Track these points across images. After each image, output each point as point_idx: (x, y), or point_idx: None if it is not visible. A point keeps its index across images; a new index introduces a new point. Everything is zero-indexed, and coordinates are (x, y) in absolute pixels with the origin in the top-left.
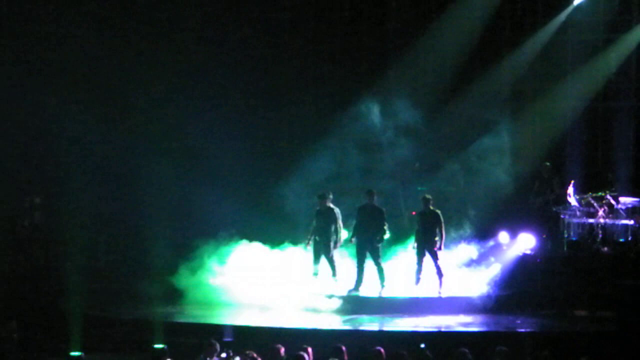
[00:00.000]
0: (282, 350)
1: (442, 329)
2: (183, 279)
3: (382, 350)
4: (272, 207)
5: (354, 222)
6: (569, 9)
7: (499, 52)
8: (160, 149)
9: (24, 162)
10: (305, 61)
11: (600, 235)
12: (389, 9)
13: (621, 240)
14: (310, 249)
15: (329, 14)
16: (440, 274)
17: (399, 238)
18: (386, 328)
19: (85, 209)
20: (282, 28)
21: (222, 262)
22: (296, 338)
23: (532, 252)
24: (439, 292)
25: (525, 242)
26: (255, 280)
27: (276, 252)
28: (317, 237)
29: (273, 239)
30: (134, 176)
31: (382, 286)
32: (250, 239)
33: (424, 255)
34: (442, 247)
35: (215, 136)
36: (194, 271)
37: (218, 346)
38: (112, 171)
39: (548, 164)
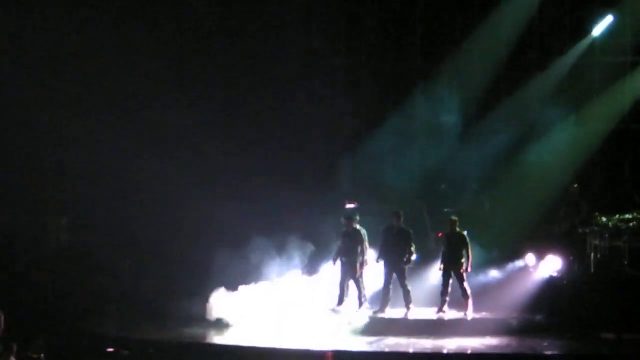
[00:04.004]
0: None
1: (469, 351)
2: (212, 300)
3: None
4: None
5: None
6: (597, 31)
7: (526, 75)
8: (188, 170)
9: (50, 183)
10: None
11: (627, 258)
12: (415, 31)
13: None
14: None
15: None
16: (466, 296)
17: (425, 260)
18: (412, 350)
19: (111, 230)
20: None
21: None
22: None
23: (559, 275)
24: (466, 314)
25: (552, 265)
26: (281, 302)
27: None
28: (343, 259)
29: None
30: (162, 196)
31: (409, 308)
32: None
33: (450, 277)
34: (469, 269)
35: (245, 157)
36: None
37: None
38: (139, 191)
39: (576, 185)
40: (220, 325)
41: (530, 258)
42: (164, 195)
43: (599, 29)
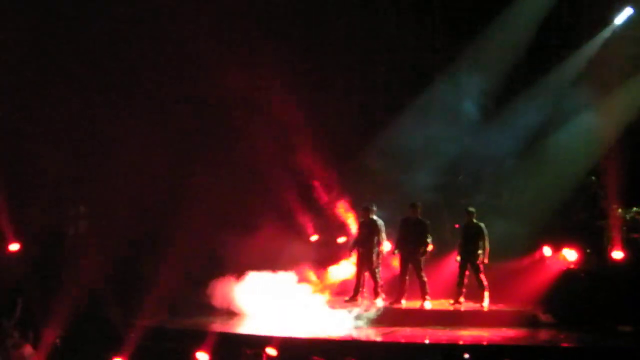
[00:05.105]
0: None
1: (485, 343)
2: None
3: None
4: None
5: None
6: (616, 23)
7: (545, 67)
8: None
9: (70, 171)
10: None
11: None
12: (433, 24)
13: None
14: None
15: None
16: (482, 286)
17: (441, 251)
18: (428, 340)
19: (129, 218)
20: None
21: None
22: (337, 349)
23: (576, 266)
24: (482, 305)
25: (569, 257)
26: (296, 291)
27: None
28: (360, 249)
29: None
30: (178, 185)
31: (424, 299)
32: None
33: (466, 268)
34: (486, 260)
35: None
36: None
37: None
38: (155, 179)
39: (593, 178)
40: (232, 313)
41: (546, 249)
42: (181, 182)
43: (620, 19)
